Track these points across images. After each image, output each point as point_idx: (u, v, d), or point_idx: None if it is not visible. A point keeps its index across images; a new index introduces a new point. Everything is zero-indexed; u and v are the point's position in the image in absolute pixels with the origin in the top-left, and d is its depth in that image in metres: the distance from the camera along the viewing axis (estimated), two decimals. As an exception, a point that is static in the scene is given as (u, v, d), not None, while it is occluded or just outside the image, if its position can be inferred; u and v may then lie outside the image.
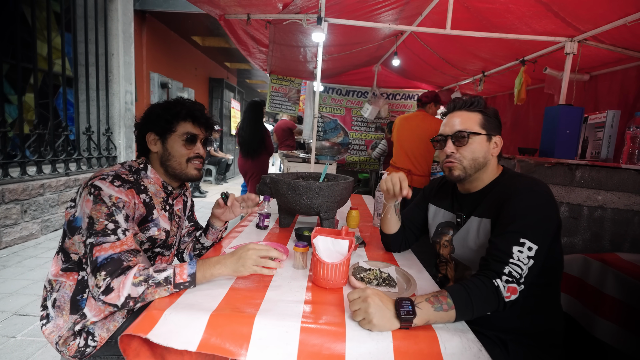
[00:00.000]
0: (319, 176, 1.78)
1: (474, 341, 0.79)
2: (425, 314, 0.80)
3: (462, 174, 1.09)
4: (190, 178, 1.17)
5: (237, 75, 10.99)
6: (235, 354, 0.74)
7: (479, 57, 3.58)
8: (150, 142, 1.13)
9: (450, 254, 1.18)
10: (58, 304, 1.02)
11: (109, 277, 0.87)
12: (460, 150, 1.09)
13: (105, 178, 0.98)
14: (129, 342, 0.80)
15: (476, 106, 1.10)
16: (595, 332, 1.41)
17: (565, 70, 2.59)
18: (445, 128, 1.13)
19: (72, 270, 1.03)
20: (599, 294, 1.45)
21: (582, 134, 1.94)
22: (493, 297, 0.87)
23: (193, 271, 0.91)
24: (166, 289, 0.88)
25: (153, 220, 1.10)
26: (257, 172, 4.08)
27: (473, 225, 1.09)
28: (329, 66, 4.53)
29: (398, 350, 0.76)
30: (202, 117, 1.16)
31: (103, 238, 0.91)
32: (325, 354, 0.75)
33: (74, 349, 1.00)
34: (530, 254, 0.90)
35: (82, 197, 0.97)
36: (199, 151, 1.16)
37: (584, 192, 1.69)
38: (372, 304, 0.79)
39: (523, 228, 0.93)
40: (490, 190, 1.09)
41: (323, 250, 1.00)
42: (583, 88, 3.02)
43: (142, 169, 1.14)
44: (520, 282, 0.89)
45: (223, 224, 1.36)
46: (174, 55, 6.75)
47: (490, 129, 1.09)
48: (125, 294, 0.86)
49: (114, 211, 0.95)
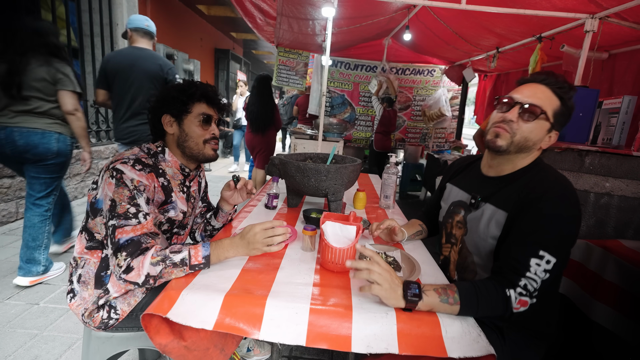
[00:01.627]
0: (327, 157, 1.79)
1: (473, 326, 0.83)
2: (431, 302, 0.84)
3: (504, 146, 1.01)
4: (207, 158, 1.20)
5: (243, 46, 10.73)
6: (249, 333, 0.79)
7: (494, 32, 3.45)
8: (166, 124, 1.15)
9: (463, 235, 1.13)
10: (83, 280, 1.08)
11: (129, 257, 0.92)
12: (521, 124, 0.99)
13: (126, 162, 1.01)
14: (150, 320, 0.85)
15: (563, 91, 0.98)
16: (592, 315, 1.46)
17: (584, 49, 2.49)
18: (519, 94, 1.01)
19: (96, 248, 1.08)
20: (598, 279, 1.48)
21: (595, 119, 1.90)
22: (501, 305, 0.87)
23: (207, 253, 0.96)
24: (182, 269, 0.94)
25: (172, 202, 1.15)
26: (265, 147, 4.09)
27: (487, 212, 1.04)
28: (338, 39, 4.40)
29: (401, 332, 0.80)
30: (215, 97, 1.19)
31: (125, 221, 0.95)
32: (333, 334, 0.80)
33: (98, 320, 1.06)
34: (548, 267, 0.88)
35: (104, 180, 1.00)
36: (215, 132, 1.19)
37: (592, 179, 1.69)
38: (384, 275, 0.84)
39: (545, 240, 0.89)
40: (515, 179, 1.02)
41: (331, 235, 1.03)
42: (600, 67, 2.92)
43: (160, 152, 1.17)
44: (534, 296, 0.88)
45: (232, 208, 1.39)
46: (179, 25, 6.58)
47: (558, 121, 1.00)
48: (145, 273, 0.92)
49: (136, 194, 0.99)
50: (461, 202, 1.16)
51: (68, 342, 1.67)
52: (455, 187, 1.23)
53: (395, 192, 1.72)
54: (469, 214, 1.11)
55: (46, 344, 1.65)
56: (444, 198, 1.27)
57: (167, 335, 0.87)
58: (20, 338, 1.68)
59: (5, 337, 1.68)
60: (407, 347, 0.78)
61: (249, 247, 1.01)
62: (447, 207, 1.23)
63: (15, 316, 1.83)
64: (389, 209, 1.73)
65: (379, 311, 0.83)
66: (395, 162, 1.68)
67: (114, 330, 1.10)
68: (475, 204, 1.09)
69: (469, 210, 1.11)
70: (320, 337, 0.80)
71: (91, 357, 1.13)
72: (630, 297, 1.35)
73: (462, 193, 1.18)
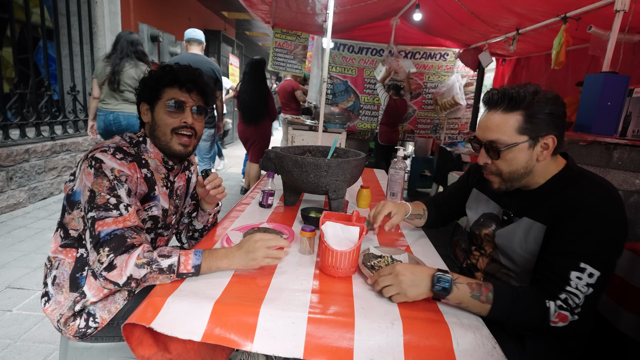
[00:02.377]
0: (327, 150, 1.79)
1: (488, 337, 0.83)
2: (461, 296, 0.88)
3: (502, 187, 1.05)
4: (173, 152, 1.16)
5: (235, 27, 10.66)
6: (240, 345, 0.80)
7: (514, 12, 3.42)
8: (143, 113, 1.17)
9: (493, 249, 1.15)
10: (57, 282, 1.08)
11: (112, 253, 0.91)
12: (496, 163, 1.02)
13: (106, 150, 1.02)
14: (131, 330, 0.85)
15: (515, 104, 0.96)
16: (619, 325, 1.46)
17: (613, 30, 2.46)
18: (478, 131, 1.05)
19: (71, 246, 1.09)
20: (626, 285, 1.48)
21: (625, 108, 1.89)
22: (538, 315, 0.87)
23: (198, 263, 0.94)
24: (168, 277, 0.92)
25: (155, 197, 1.15)
26: (259, 140, 4.08)
27: (523, 226, 1.04)
28: (341, 19, 4.36)
29: (409, 344, 0.80)
30: (189, 81, 1.14)
31: (105, 212, 0.95)
32: (333, 346, 0.80)
33: (74, 329, 1.07)
34: (591, 281, 0.87)
35: (82, 170, 1.01)
36: (187, 119, 1.14)
37: (621, 175, 1.68)
38: (404, 281, 0.88)
39: (585, 251, 0.88)
40: (549, 191, 1.02)
41: (332, 237, 1.03)
42: (632, 51, 2.90)
43: (141, 141, 1.17)
44: (575, 312, 0.87)
45: (212, 207, 1.35)
46: (165, 4, 6.54)
47: (534, 130, 0.96)
48: (128, 274, 0.90)
49: (116, 185, 0.99)
50: (492, 215, 1.17)
51: (44, 353, 1.68)
52: (483, 195, 1.23)
53: (403, 189, 1.72)
54: (499, 229, 1.12)
55: (20, 355, 1.66)
56: (471, 206, 1.28)
57: (151, 347, 0.88)
58: (-8, 348, 1.69)
59: (-25, 347, 1.69)
60: (414, 360, 0.78)
61: (247, 257, 0.96)
62: (476, 217, 1.24)
63: (-15, 324, 1.84)
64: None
65: (383, 321, 0.83)
66: (403, 156, 1.67)
67: (93, 340, 1.10)
68: (508, 220, 1.10)
69: (500, 226, 1.12)
70: (319, 350, 0.80)
71: (69, 369, 1.14)
72: (661, 305, 1.35)
73: (492, 204, 1.18)
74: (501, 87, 1.00)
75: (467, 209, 1.29)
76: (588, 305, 0.88)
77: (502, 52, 4.90)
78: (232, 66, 9.55)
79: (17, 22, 3.75)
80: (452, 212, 1.42)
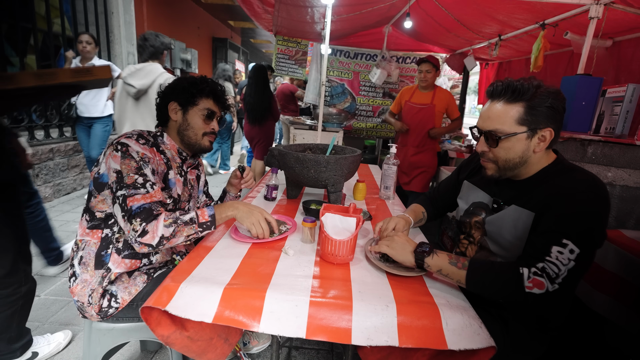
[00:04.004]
0: (326, 148, 1.77)
1: (474, 318, 0.82)
2: (440, 262, 0.93)
3: (496, 174, 1.02)
4: (202, 149, 1.28)
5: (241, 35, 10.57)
6: (248, 325, 0.79)
7: (496, 19, 3.39)
8: (171, 110, 1.23)
9: (482, 236, 1.12)
10: (84, 261, 1.09)
11: (144, 222, 0.98)
12: (493, 151, 0.99)
13: (130, 137, 1.09)
14: (150, 312, 0.85)
15: (518, 96, 0.93)
16: (592, 305, 1.47)
17: (588, 35, 2.44)
18: (479, 120, 1.02)
19: (97, 227, 1.10)
20: (599, 269, 1.49)
21: (598, 108, 1.88)
22: (511, 282, 0.86)
23: (212, 212, 1.07)
24: (192, 227, 1.03)
25: (170, 180, 1.19)
26: (263, 139, 4.06)
27: (511, 214, 1.01)
28: (337, 27, 4.33)
29: (402, 324, 0.80)
30: (222, 97, 1.29)
31: (134, 190, 1.01)
32: (333, 327, 0.80)
33: (98, 307, 1.07)
34: (572, 257, 0.84)
35: (107, 155, 1.05)
36: (215, 127, 1.28)
37: (594, 169, 1.67)
38: (397, 240, 1.00)
39: (568, 229, 0.86)
40: (538, 181, 0.99)
41: (331, 227, 1.03)
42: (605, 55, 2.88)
43: (159, 135, 1.24)
44: (555, 282, 0.84)
45: (238, 191, 1.54)
46: (176, 14, 6.47)
47: (534, 122, 0.93)
48: (159, 234, 0.98)
49: (142, 165, 1.05)
50: (482, 203, 1.13)
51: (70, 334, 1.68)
52: (474, 187, 1.20)
53: (396, 183, 1.71)
54: (489, 216, 1.09)
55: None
56: (462, 196, 1.25)
57: (169, 327, 0.87)
58: (22, 330, 1.69)
59: (7, 328, 1.69)
60: (407, 339, 0.78)
61: (246, 211, 1.11)
62: (466, 207, 1.20)
63: (16, 308, 1.84)
64: (389, 200, 1.72)
65: (379, 303, 0.83)
66: (395, 153, 1.66)
67: (114, 321, 1.10)
68: (498, 208, 1.07)
69: (490, 213, 1.10)
70: (320, 330, 0.80)
71: (92, 348, 1.14)
72: (630, 287, 1.35)
73: (482, 194, 1.15)
74: (506, 79, 0.96)
75: (459, 199, 1.27)
76: (570, 278, 0.85)
77: (485, 57, 4.86)
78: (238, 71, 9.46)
79: (40, 32, 3.70)
80: (446, 205, 1.39)
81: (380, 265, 1.00)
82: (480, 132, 1.02)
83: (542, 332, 1.04)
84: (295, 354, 1.66)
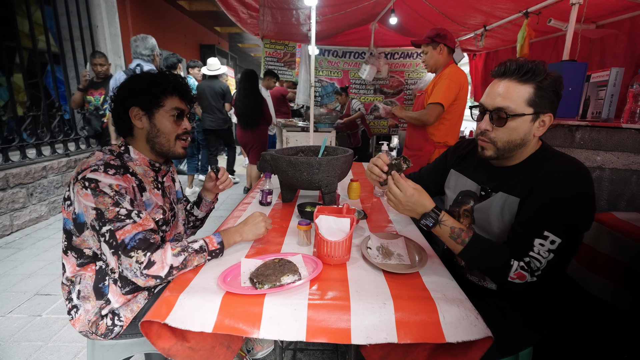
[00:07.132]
0: (318, 149, 1.78)
1: (471, 310, 0.84)
2: (442, 232, 0.98)
3: (493, 155, 1.01)
4: (176, 156, 1.17)
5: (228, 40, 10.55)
6: (248, 332, 0.80)
7: (480, 10, 3.41)
8: (134, 117, 1.08)
9: (471, 224, 1.12)
10: (83, 295, 1.05)
11: (148, 252, 0.91)
12: (496, 131, 0.97)
13: (96, 169, 0.95)
14: (149, 326, 0.85)
15: (530, 76, 0.91)
16: (589, 287, 1.49)
17: (570, 21, 2.46)
18: (486, 98, 0.99)
19: (89, 263, 1.05)
20: (593, 252, 1.51)
21: (584, 93, 1.90)
22: (500, 269, 0.92)
23: (220, 239, 1.04)
24: (202, 256, 0.99)
25: (145, 202, 1.09)
26: (257, 143, 4.06)
27: (498, 200, 1.01)
28: (324, 27, 4.34)
29: (400, 321, 0.81)
30: (187, 91, 1.14)
31: (120, 223, 0.92)
32: (332, 328, 0.81)
33: (103, 328, 1.06)
34: (552, 247, 0.88)
35: (76, 193, 0.95)
36: (187, 126, 1.15)
37: (583, 153, 1.69)
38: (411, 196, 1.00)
39: (549, 220, 0.89)
40: (524, 168, 1.00)
41: (325, 229, 1.04)
42: (589, 40, 2.90)
43: (123, 152, 1.10)
44: (535, 275, 0.90)
45: (214, 196, 1.45)
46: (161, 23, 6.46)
47: (540, 105, 0.93)
48: (169, 264, 0.92)
49: (119, 200, 0.94)
50: (470, 192, 1.14)
51: (73, 352, 1.68)
52: (461, 175, 1.19)
53: (389, 180, 1.72)
54: (477, 204, 1.10)
55: (52, 355, 1.66)
56: (449, 185, 1.24)
57: (170, 339, 0.88)
58: (25, 350, 1.69)
59: (10, 350, 1.69)
60: (406, 335, 0.79)
61: (255, 228, 1.12)
62: (454, 196, 1.20)
63: (18, 329, 1.84)
64: (384, 198, 1.73)
65: (376, 302, 0.84)
66: (388, 149, 1.67)
67: (117, 338, 1.10)
68: (485, 196, 1.07)
69: (478, 201, 1.10)
70: (319, 332, 0.80)
71: (96, 365, 1.14)
72: (624, 268, 1.37)
73: (470, 182, 1.15)
74: (517, 59, 0.96)
75: (446, 188, 1.26)
76: (550, 269, 0.91)
77: (472, 48, 4.89)
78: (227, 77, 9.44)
79: (25, 50, 3.69)
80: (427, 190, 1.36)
81: (377, 263, 1.01)
82: (484, 111, 0.99)
83: (540, 318, 1.05)
84: (301, 356, 1.67)
